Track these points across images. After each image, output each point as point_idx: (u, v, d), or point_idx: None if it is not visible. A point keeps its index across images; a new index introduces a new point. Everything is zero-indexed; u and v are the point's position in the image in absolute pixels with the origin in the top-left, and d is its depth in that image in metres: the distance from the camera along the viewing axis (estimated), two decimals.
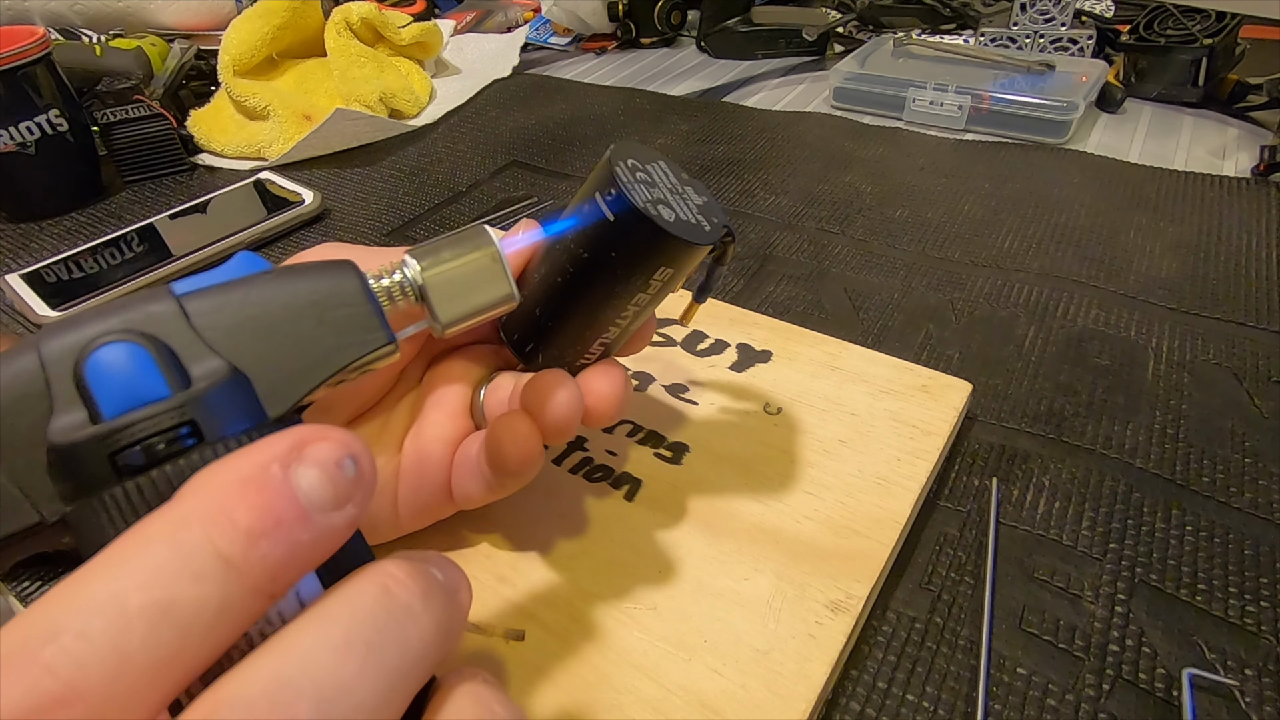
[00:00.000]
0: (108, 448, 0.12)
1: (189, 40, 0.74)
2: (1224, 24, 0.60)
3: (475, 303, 0.18)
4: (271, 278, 0.15)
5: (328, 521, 0.12)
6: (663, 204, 0.20)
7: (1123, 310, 0.41)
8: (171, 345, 0.13)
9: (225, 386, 0.13)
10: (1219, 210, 0.49)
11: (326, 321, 0.15)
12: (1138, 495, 0.30)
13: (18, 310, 0.45)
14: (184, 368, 0.13)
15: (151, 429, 0.12)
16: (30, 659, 0.10)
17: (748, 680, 0.23)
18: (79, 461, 0.12)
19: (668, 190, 0.21)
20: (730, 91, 0.74)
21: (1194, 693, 0.24)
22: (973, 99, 0.61)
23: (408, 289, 0.17)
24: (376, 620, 0.12)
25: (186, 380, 0.13)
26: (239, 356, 0.14)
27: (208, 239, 0.50)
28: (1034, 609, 0.27)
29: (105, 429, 0.12)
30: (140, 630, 0.10)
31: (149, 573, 0.11)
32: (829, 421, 0.32)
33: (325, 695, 0.11)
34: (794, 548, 0.27)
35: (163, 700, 0.11)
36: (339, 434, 0.13)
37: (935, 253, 0.47)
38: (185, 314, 0.14)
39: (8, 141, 0.53)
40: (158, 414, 0.12)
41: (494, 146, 0.65)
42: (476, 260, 0.18)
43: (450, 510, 0.25)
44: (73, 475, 0.12)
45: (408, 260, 0.17)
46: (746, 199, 0.54)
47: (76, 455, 0.12)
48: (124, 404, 0.12)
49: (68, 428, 0.12)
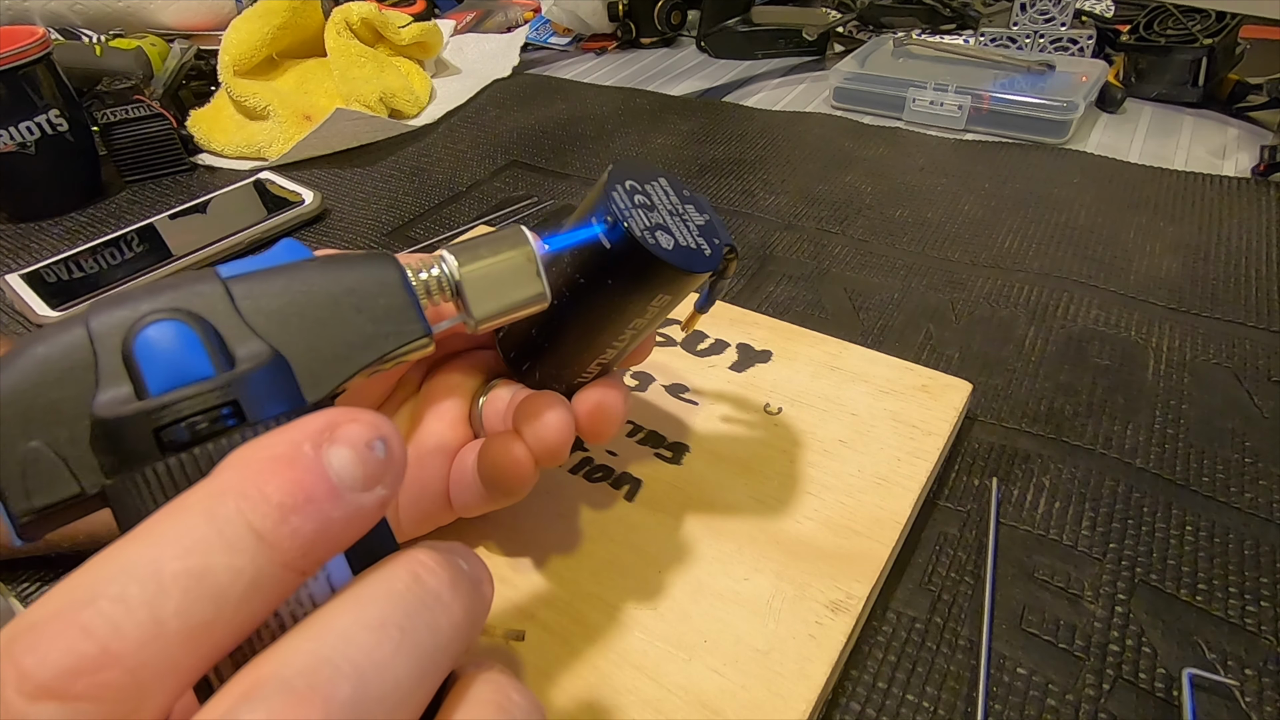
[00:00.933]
0: (153, 423, 0.12)
1: (189, 40, 0.74)
2: (1224, 24, 0.60)
3: (509, 300, 0.18)
4: (314, 265, 0.15)
5: (358, 501, 0.12)
6: (661, 230, 0.20)
7: (1123, 310, 0.41)
8: (217, 326, 0.13)
9: (267, 369, 0.13)
10: (1219, 210, 0.49)
11: (365, 310, 0.15)
12: (1138, 495, 0.30)
13: (18, 310, 0.45)
14: (228, 349, 0.13)
15: (196, 407, 0.12)
16: (68, 622, 0.10)
17: (748, 680, 0.23)
18: (123, 436, 0.12)
19: (667, 213, 0.21)
20: (730, 91, 0.74)
21: (1194, 693, 0.24)
22: (973, 99, 0.61)
23: (445, 284, 0.17)
24: (409, 605, 0.12)
25: (230, 361, 0.13)
26: (280, 340, 0.14)
27: (208, 239, 0.50)
28: (1034, 609, 0.27)
29: (152, 405, 0.12)
30: (175, 597, 0.11)
31: (185, 542, 0.11)
32: (829, 421, 0.32)
33: (364, 675, 0.11)
34: (794, 548, 0.27)
35: (195, 670, 0.11)
36: (371, 416, 0.13)
37: (935, 253, 0.47)
38: (231, 296, 0.14)
39: (8, 141, 0.53)
40: (202, 393, 0.13)
41: (494, 146, 0.65)
42: (512, 259, 0.18)
43: (450, 518, 0.25)
44: (116, 449, 0.13)
45: (445, 256, 0.17)
46: (746, 199, 0.54)
47: (121, 429, 0.12)
48: (170, 381, 0.13)
49: (114, 401, 0.12)
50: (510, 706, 0.13)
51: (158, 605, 0.10)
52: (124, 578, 0.11)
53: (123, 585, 0.10)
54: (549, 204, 0.55)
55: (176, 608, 0.11)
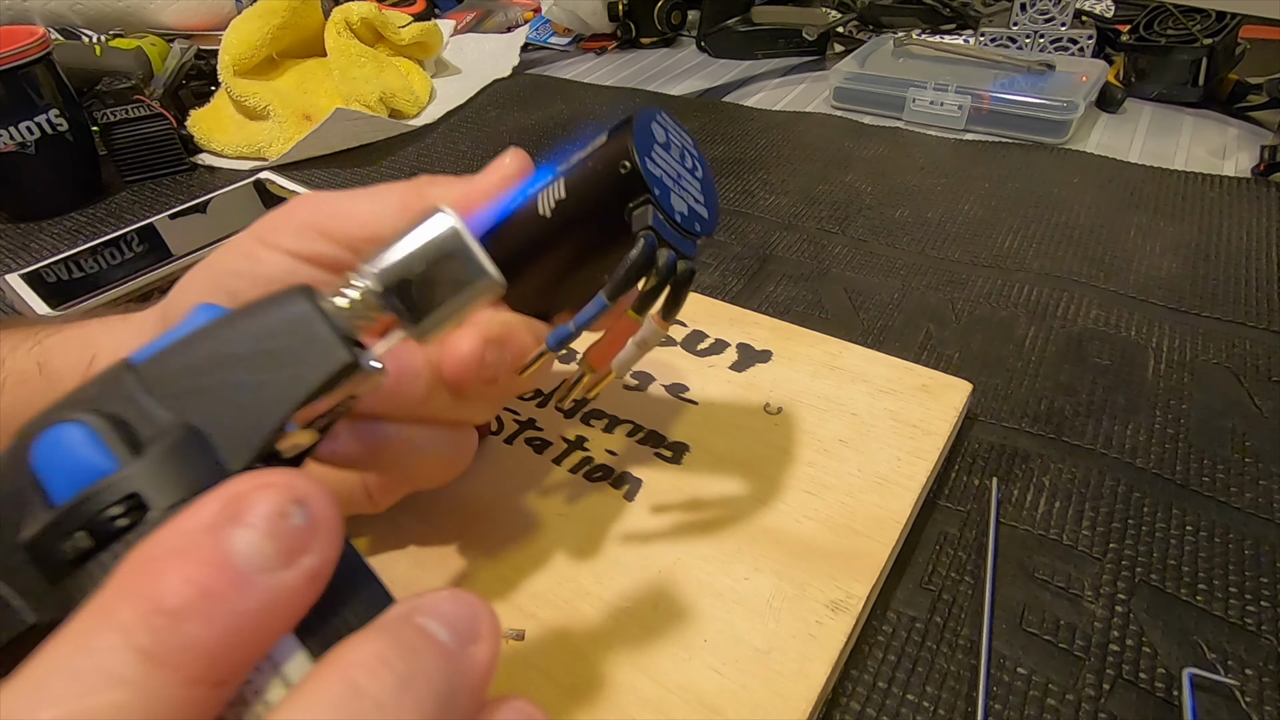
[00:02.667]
0: (61, 534, 0.11)
1: (189, 40, 0.74)
2: (1224, 24, 0.60)
3: (449, 298, 0.16)
4: (225, 323, 0.14)
5: (277, 582, 0.11)
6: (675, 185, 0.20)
7: (1123, 310, 0.41)
8: (124, 415, 0.12)
9: (174, 448, 0.12)
10: (1219, 210, 0.49)
11: (278, 355, 0.14)
12: (1138, 495, 0.30)
13: (17, 310, 0.45)
14: (136, 436, 0.12)
15: (96, 507, 0.12)
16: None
17: (748, 680, 0.23)
18: (42, 555, 0.12)
19: (680, 168, 0.21)
20: (730, 91, 0.74)
21: (1194, 693, 0.24)
22: (973, 99, 0.61)
23: (370, 300, 0.15)
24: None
25: (138, 449, 0.12)
26: (195, 412, 0.13)
27: (208, 239, 0.50)
28: (1034, 609, 0.27)
29: (56, 515, 0.12)
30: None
31: (57, 688, 0.09)
32: (829, 421, 0.32)
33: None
34: (794, 548, 0.27)
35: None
36: (282, 477, 0.11)
37: (935, 253, 0.47)
38: (141, 380, 0.13)
39: (8, 141, 0.53)
40: (101, 490, 0.12)
41: (494, 146, 0.65)
42: (439, 250, 0.15)
43: (419, 479, 0.24)
44: (43, 570, 0.12)
45: (362, 269, 0.15)
46: (746, 199, 0.54)
47: (38, 549, 0.12)
48: (72, 486, 0.12)
49: (31, 522, 0.12)
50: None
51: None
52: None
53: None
54: None
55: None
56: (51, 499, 0.12)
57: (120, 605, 0.10)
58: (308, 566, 0.11)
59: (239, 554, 0.10)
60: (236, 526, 0.11)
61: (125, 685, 0.09)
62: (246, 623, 0.10)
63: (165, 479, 0.12)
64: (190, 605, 0.10)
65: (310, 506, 0.11)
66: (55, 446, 0.12)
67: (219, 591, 0.10)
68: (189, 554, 0.10)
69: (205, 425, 0.13)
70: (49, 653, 0.10)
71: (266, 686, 0.11)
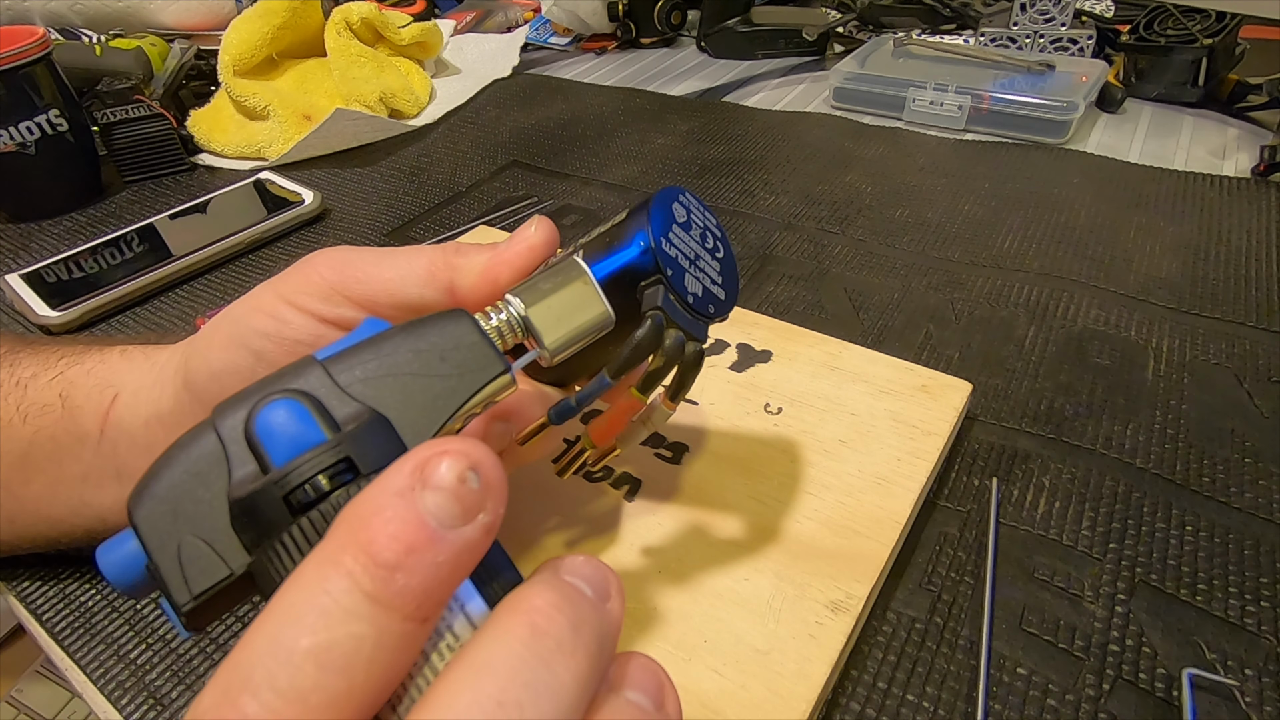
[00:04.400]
0: (281, 490, 0.14)
1: (189, 40, 0.74)
2: (1224, 24, 0.60)
3: (576, 327, 0.19)
4: (396, 333, 0.17)
5: (461, 537, 0.12)
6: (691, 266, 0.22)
7: (1123, 310, 0.41)
8: (321, 400, 0.15)
9: (369, 427, 0.15)
10: (1219, 210, 0.49)
11: (448, 360, 0.17)
12: (1138, 495, 0.30)
13: (18, 310, 0.45)
14: (333, 417, 0.15)
15: (316, 468, 0.14)
16: (234, 708, 0.11)
17: (748, 680, 0.23)
18: (258, 508, 0.14)
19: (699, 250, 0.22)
20: (730, 91, 0.74)
21: (1194, 693, 0.24)
22: (973, 99, 0.61)
23: (514, 324, 0.19)
24: (528, 668, 0.12)
25: (337, 426, 0.15)
26: (378, 402, 0.16)
27: (208, 239, 0.50)
28: (1034, 609, 0.27)
29: (278, 474, 0.14)
30: (311, 674, 0.11)
31: (309, 619, 0.12)
32: (829, 421, 0.32)
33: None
34: (794, 548, 0.27)
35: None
36: (459, 445, 0.13)
37: (935, 253, 0.47)
38: (329, 373, 0.16)
39: (8, 141, 0.53)
40: (319, 454, 0.14)
41: (494, 146, 0.65)
42: (572, 289, 0.19)
43: None
44: (254, 523, 0.14)
45: (510, 299, 0.19)
46: (746, 199, 0.54)
47: (255, 503, 0.14)
48: (290, 452, 0.14)
49: (245, 481, 0.14)
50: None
51: (299, 683, 0.11)
52: (269, 660, 0.11)
53: (268, 668, 0.11)
54: (549, 204, 0.55)
55: (314, 683, 0.11)
56: (274, 460, 0.14)
57: (344, 556, 0.12)
58: (483, 523, 0.13)
59: (431, 514, 0.12)
60: (426, 490, 0.12)
61: (361, 620, 0.12)
62: (441, 571, 0.12)
63: (367, 449, 0.15)
64: (399, 560, 0.12)
65: (483, 470, 0.13)
66: (276, 418, 0.15)
67: (420, 547, 0.12)
68: (393, 515, 0.12)
69: (386, 411, 0.16)
70: (293, 592, 0.12)
71: (455, 622, 0.14)
